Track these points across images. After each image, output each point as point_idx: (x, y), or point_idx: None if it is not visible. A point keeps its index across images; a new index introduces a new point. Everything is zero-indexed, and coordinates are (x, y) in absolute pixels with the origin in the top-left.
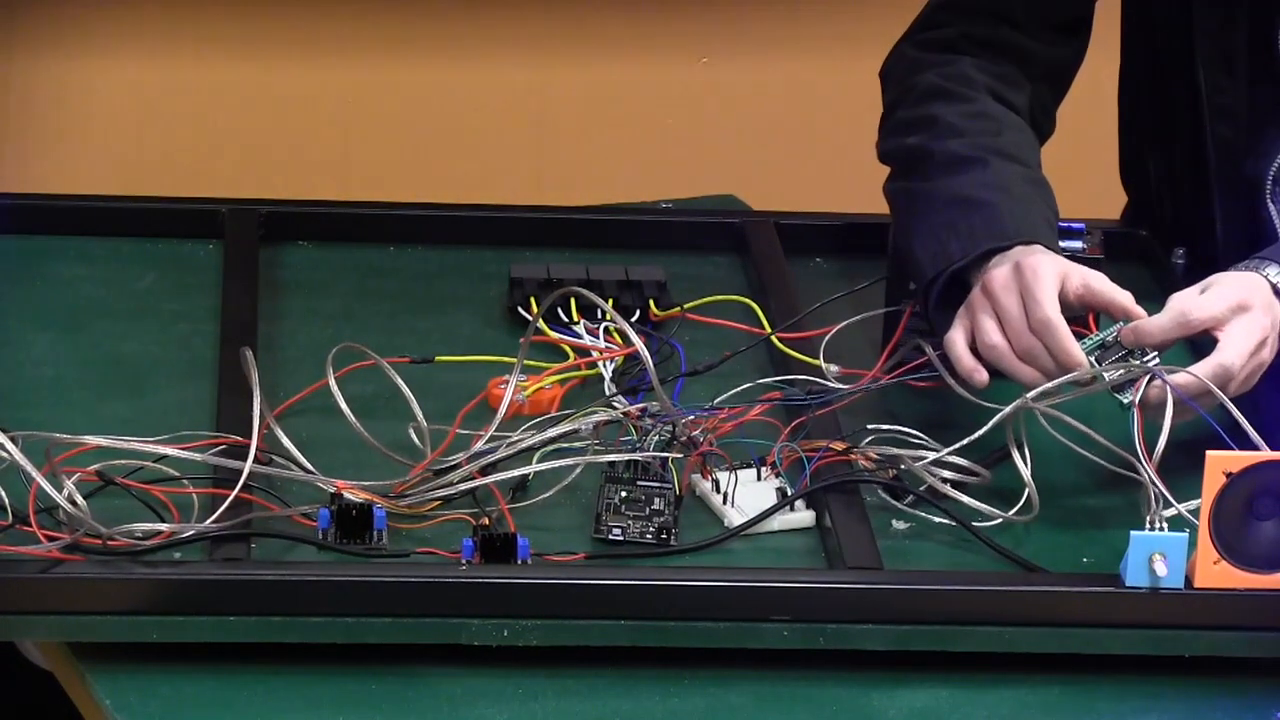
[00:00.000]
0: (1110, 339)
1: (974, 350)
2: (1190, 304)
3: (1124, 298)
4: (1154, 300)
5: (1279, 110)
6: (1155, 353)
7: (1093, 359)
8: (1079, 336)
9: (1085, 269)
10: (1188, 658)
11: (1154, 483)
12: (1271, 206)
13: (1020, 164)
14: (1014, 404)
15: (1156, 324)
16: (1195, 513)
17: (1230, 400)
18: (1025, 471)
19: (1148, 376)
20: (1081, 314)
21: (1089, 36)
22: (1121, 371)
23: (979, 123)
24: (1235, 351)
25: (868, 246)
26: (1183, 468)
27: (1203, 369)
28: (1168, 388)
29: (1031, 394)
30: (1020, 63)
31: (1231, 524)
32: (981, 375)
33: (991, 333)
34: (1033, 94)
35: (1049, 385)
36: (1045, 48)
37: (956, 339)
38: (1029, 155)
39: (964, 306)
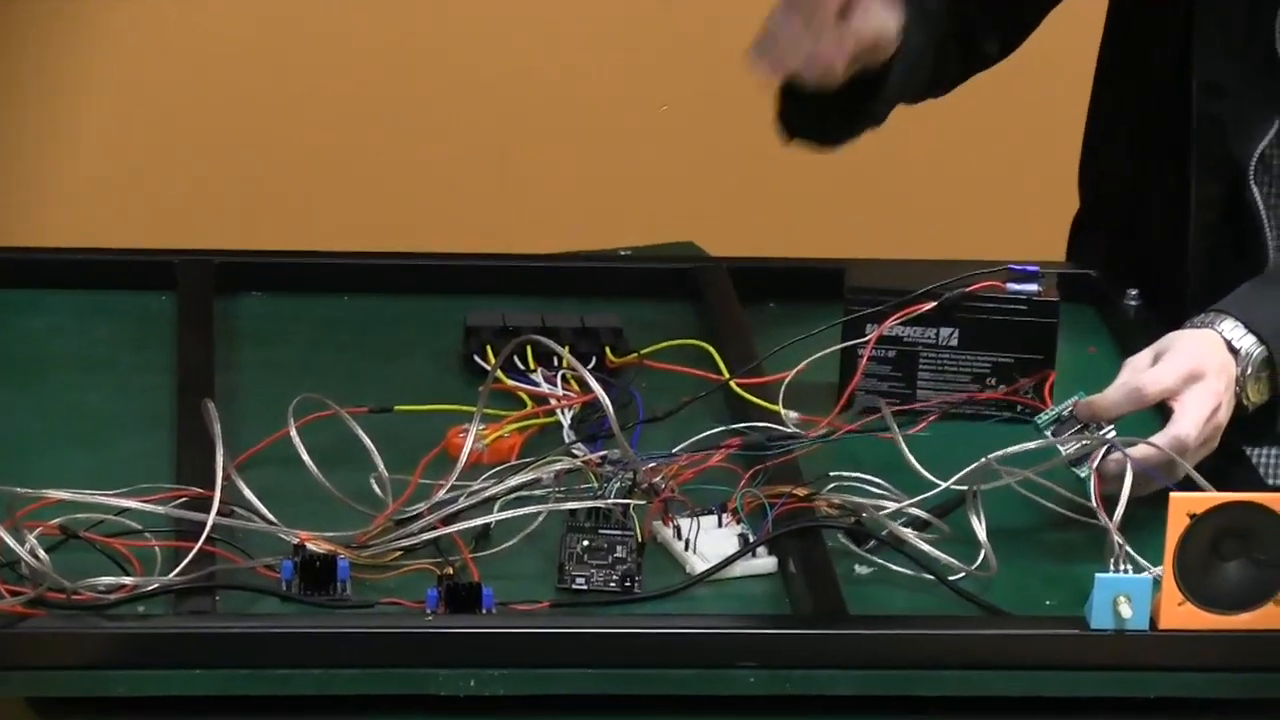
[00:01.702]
0: (1066, 413)
1: None
2: (1143, 379)
3: None
4: (1105, 340)
5: (1270, 89)
6: (1111, 426)
7: (1048, 433)
8: (1034, 412)
9: None
10: (1154, 699)
11: (1115, 533)
12: (1255, 190)
13: None
14: (974, 465)
15: (1110, 399)
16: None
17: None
18: (981, 532)
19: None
20: None
21: None
22: (1079, 446)
23: None
24: (1190, 422)
25: (819, 291)
26: (1143, 517)
27: (1159, 441)
28: (1123, 459)
29: (994, 455)
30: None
31: (1196, 565)
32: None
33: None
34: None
35: (1001, 456)
36: None
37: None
38: None
39: None
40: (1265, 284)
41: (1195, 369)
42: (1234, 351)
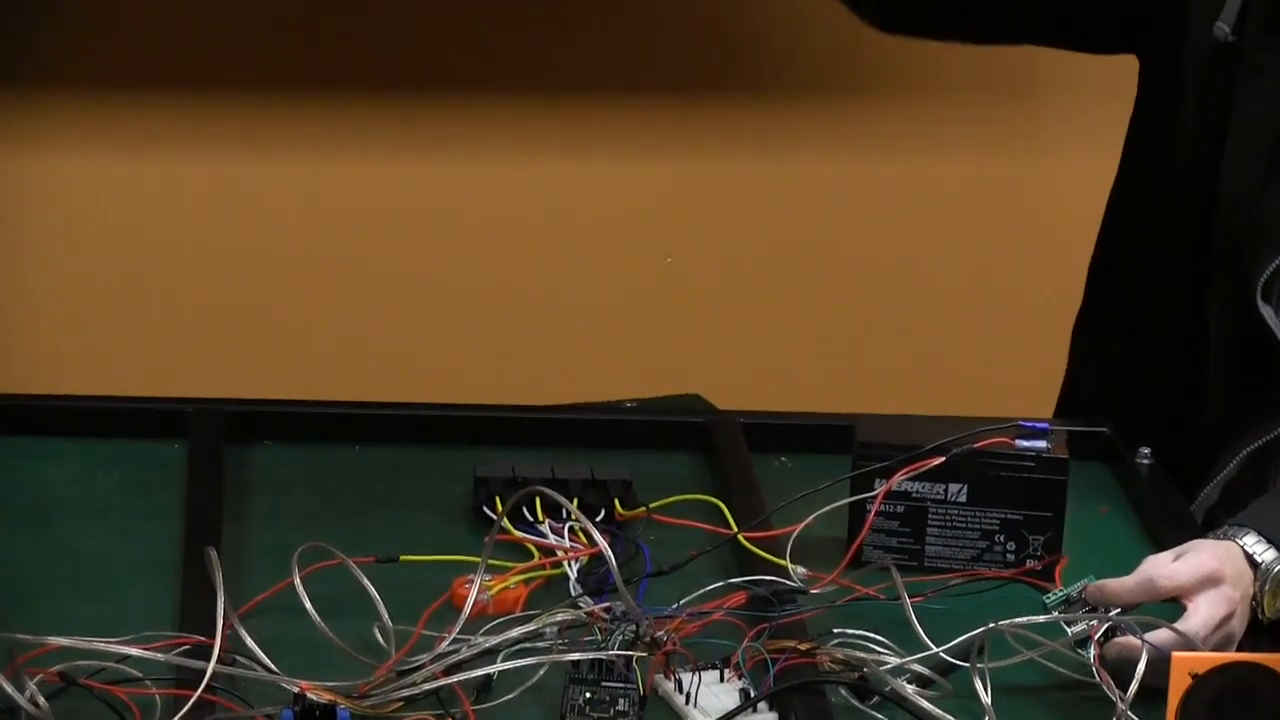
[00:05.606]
0: (1075, 594)
1: None
2: (1160, 571)
3: None
4: (1117, 499)
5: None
6: (1119, 612)
7: (1057, 612)
8: (1042, 592)
9: None
10: None
11: (1121, 700)
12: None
13: None
14: (979, 630)
15: (1123, 586)
16: None
17: None
18: (986, 698)
19: (1104, 632)
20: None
21: None
22: (1085, 626)
23: None
24: (1200, 623)
25: (831, 444)
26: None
27: (1166, 637)
28: (1128, 645)
29: (1004, 623)
30: None
31: None
32: None
33: None
34: None
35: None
36: None
37: None
38: None
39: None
40: None
41: (1214, 573)
42: (1254, 565)
